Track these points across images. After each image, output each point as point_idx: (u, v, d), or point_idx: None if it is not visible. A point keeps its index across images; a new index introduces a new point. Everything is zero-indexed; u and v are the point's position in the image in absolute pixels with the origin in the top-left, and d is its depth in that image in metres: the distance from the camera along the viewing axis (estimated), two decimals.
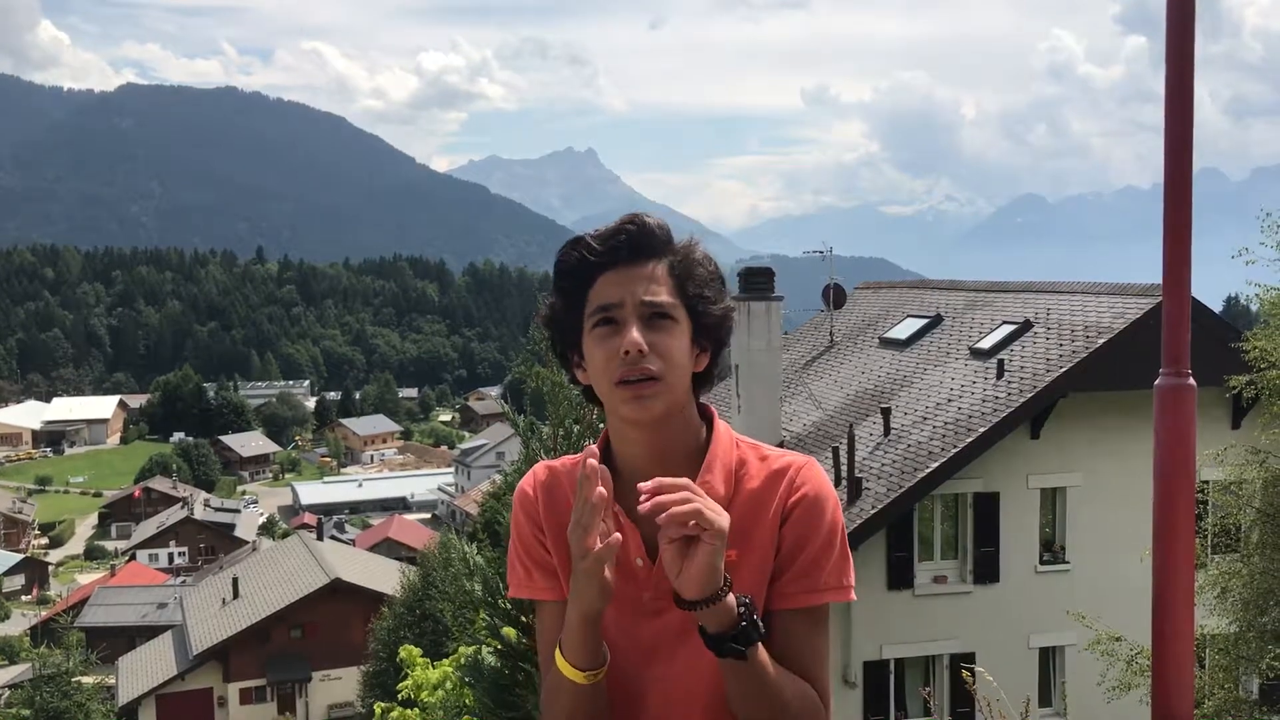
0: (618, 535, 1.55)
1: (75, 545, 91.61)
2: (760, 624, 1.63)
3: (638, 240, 1.72)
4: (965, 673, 5.06)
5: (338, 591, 40.64)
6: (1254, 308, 11.79)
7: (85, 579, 73.63)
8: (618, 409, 1.72)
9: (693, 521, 1.51)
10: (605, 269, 1.71)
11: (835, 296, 22.58)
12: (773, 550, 1.75)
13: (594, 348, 1.71)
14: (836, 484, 14.79)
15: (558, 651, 1.73)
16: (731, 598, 1.60)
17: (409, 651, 10.84)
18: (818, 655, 1.76)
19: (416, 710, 10.15)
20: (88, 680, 25.82)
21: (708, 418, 1.84)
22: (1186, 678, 3.03)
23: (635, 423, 1.72)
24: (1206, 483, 12.21)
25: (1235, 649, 10.82)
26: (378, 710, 10.73)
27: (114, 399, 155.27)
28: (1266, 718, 11.58)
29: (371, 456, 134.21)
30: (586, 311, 1.72)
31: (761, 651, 1.64)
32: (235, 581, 43.40)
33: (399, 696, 10.51)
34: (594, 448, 1.60)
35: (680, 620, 1.71)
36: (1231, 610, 10.80)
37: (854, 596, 1.77)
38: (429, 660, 10.72)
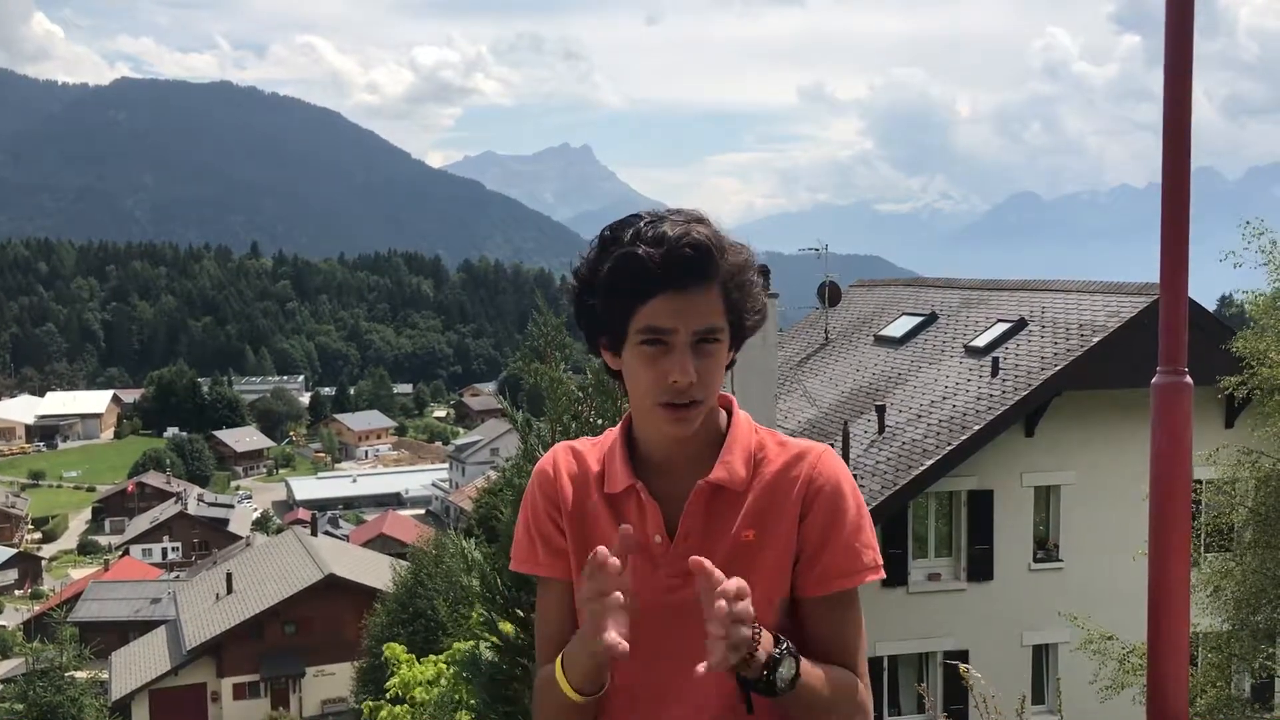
0: (619, 595, 1.57)
1: (68, 540, 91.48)
2: (792, 652, 1.65)
3: (697, 265, 1.68)
4: (962, 668, 5.08)
5: (332, 587, 40.57)
6: (1246, 310, 11.84)
7: (78, 574, 73.40)
8: (658, 425, 1.76)
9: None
10: (661, 290, 1.67)
11: (830, 294, 22.64)
12: (794, 536, 1.77)
13: (640, 365, 1.71)
14: None
15: (559, 666, 1.75)
16: (766, 643, 1.62)
17: (392, 650, 10.89)
18: (856, 636, 1.80)
19: (405, 707, 10.18)
20: (81, 675, 25.73)
21: (726, 404, 1.87)
22: (1181, 676, 3.04)
23: (672, 436, 1.77)
24: (1199, 482, 12.25)
25: (1228, 647, 10.88)
26: (365, 709, 10.76)
27: (108, 394, 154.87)
28: (1259, 716, 11.62)
29: (366, 452, 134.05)
30: (634, 325, 1.70)
31: (805, 670, 1.67)
32: (229, 577, 43.35)
33: (387, 694, 10.55)
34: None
35: (696, 597, 1.75)
36: (1224, 609, 10.84)
37: (883, 573, 1.80)
38: (414, 657, 10.75)
